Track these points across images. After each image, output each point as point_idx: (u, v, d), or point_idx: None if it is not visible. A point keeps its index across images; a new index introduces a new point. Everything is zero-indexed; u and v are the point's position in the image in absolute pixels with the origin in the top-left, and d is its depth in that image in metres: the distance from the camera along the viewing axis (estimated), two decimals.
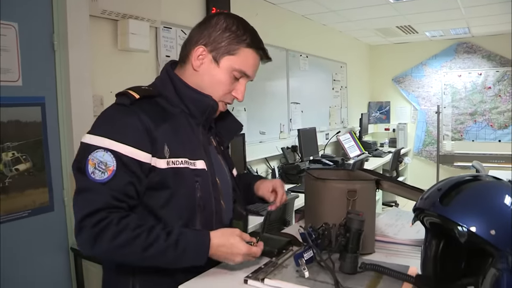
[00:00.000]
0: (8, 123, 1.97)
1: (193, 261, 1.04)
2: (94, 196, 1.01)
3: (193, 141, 1.17)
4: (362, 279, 0.94)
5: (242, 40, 1.15)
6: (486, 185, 0.83)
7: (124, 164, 1.03)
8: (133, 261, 1.05)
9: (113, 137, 1.04)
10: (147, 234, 1.01)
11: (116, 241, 0.99)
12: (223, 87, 1.18)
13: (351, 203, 1.12)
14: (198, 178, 1.13)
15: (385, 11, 4.44)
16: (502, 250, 0.72)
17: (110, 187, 1.02)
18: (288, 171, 3.91)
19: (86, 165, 1.03)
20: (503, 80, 5.92)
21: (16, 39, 1.99)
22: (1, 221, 1.94)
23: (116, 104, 1.11)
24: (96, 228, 0.99)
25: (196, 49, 1.15)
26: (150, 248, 1.00)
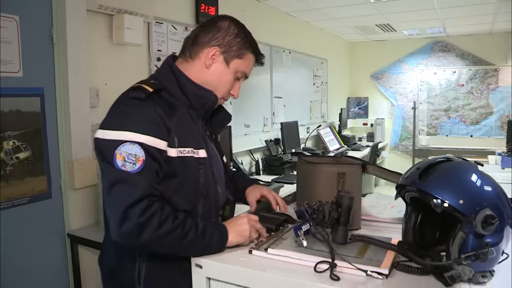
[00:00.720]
0: (9, 112, 2.04)
1: (215, 250, 1.14)
2: (132, 186, 1.07)
3: (195, 132, 1.27)
4: (352, 248, 1.09)
5: (250, 47, 1.29)
6: (456, 164, 0.98)
7: (150, 154, 1.11)
8: (170, 251, 1.12)
9: (136, 129, 1.11)
10: (183, 226, 1.09)
11: (160, 230, 1.06)
12: (228, 86, 1.31)
13: (341, 184, 1.28)
14: (201, 166, 1.24)
15: (365, 10, 4.61)
16: (468, 216, 0.88)
17: (144, 176, 1.09)
18: (271, 163, 4.05)
19: (114, 160, 1.08)
20: (475, 78, 6.21)
21: (17, 31, 2.05)
22: (1, 207, 2.02)
23: (130, 98, 1.17)
24: (143, 218, 1.04)
25: (210, 49, 1.26)
26: (185, 238, 1.09)
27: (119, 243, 1.09)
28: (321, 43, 5.86)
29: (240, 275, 1.05)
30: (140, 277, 1.21)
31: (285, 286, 0.99)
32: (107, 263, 1.31)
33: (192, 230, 1.10)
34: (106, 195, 1.11)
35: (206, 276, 1.09)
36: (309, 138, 5.33)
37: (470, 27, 5.70)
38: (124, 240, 1.07)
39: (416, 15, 4.89)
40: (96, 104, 2.44)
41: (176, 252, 1.13)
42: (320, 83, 5.90)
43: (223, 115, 1.43)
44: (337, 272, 0.98)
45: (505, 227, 0.92)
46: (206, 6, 3.31)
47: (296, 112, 5.14)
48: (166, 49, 2.97)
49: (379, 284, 0.94)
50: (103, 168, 1.14)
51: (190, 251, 1.13)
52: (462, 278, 0.88)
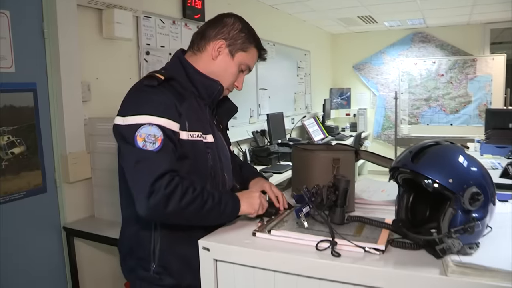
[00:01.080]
0: (3, 108, 2.06)
1: (229, 217, 1.27)
2: (155, 163, 1.16)
3: (203, 119, 1.36)
4: (349, 228, 1.17)
5: (253, 41, 1.39)
6: (445, 148, 1.07)
7: (167, 135, 1.20)
8: (191, 219, 1.22)
9: (153, 113, 1.20)
10: (201, 196, 1.19)
11: (183, 201, 1.15)
12: (232, 77, 1.40)
13: (336, 169, 1.35)
14: (209, 150, 1.34)
15: (347, 1, 4.70)
16: (456, 193, 0.96)
17: (164, 153, 1.18)
18: (258, 154, 4.12)
19: (135, 141, 1.17)
20: (454, 68, 6.37)
21: (9, 26, 2.06)
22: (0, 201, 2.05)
23: (144, 85, 1.27)
24: (168, 189, 1.13)
25: (217, 42, 1.36)
26: (205, 206, 1.19)
27: (147, 216, 1.16)
28: (304, 35, 5.94)
29: (245, 256, 1.11)
30: (155, 254, 1.31)
31: (289, 264, 1.05)
32: (125, 242, 1.40)
33: (209, 199, 1.20)
34: (130, 175, 1.20)
35: (213, 258, 1.15)
36: (294, 129, 5.42)
37: (449, 19, 5.85)
38: (152, 211, 1.15)
39: (397, 6, 5.00)
40: (88, 98, 2.47)
41: (196, 220, 1.23)
42: (304, 74, 5.98)
43: (229, 106, 1.53)
44: (337, 249, 1.05)
45: (489, 204, 1.00)
46: (193, 0, 3.34)
47: (281, 103, 5.21)
48: (154, 43, 3.00)
49: (376, 259, 1.02)
50: (125, 151, 1.22)
51: (208, 220, 1.23)
52: (452, 250, 0.96)
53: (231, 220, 1.30)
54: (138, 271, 1.34)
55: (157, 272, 1.31)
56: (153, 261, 1.31)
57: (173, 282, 1.32)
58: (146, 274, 1.32)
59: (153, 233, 1.31)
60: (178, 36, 3.23)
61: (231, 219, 1.29)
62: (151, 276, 1.32)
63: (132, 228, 1.35)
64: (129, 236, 1.38)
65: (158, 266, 1.31)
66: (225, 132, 1.58)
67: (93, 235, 2.27)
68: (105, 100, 2.56)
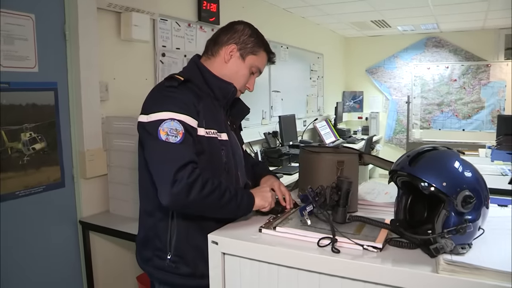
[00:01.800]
0: (26, 106, 2.16)
1: (244, 211, 1.35)
2: (178, 154, 1.26)
3: (218, 118, 1.46)
4: (350, 227, 1.23)
5: (262, 45, 1.50)
6: (441, 153, 1.13)
7: (187, 129, 1.30)
8: (209, 210, 1.31)
9: (174, 109, 1.31)
10: (219, 187, 1.28)
11: (203, 191, 1.24)
12: (244, 79, 1.50)
13: (340, 171, 1.42)
14: (223, 147, 1.44)
15: (360, 6, 4.74)
16: (450, 196, 1.02)
17: (186, 145, 1.28)
18: (270, 155, 4.20)
19: (159, 135, 1.27)
20: (467, 73, 6.37)
21: (33, 29, 2.17)
22: (20, 195, 2.15)
23: (166, 86, 1.38)
24: (190, 179, 1.22)
25: (228, 46, 1.46)
26: (222, 198, 1.28)
27: (169, 203, 1.24)
28: (318, 38, 5.99)
29: (252, 250, 1.19)
30: (171, 245, 1.40)
31: (292, 258, 1.13)
32: (143, 233, 1.49)
33: (227, 192, 1.30)
34: (154, 165, 1.30)
35: (221, 251, 1.23)
36: (305, 131, 5.47)
37: (463, 24, 5.85)
38: (175, 200, 1.23)
39: (410, 11, 5.03)
40: (105, 98, 2.57)
41: (214, 211, 1.31)
42: (317, 77, 6.03)
43: (242, 107, 1.63)
44: (337, 246, 1.12)
45: (482, 207, 1.06)
46: (208, 4, 3.43)
47: (293, 105, 5.27)
48: (170, 45, 3.09)
49: (374, 256, 1.08)
50: (150, 144, 1.32)
51: (225, 211, 1.32)
52: (445, 250, 1.02)
53: (247, 214, 1.38)
54: (154, 261, 1.44)
55: (173, 261, 1.41)
56: (169, 251, 1.40)
57: (189, 271, 1.41)
58: (162, 263, 1.42)
59: (170, 225, 1.40)
60: (193, 39, 3.32)
61: (247, 213, 1.38)
62: (167, 265, 1.41)
63: (150, 220, 1.45)
64: (146, 227, 1.47)
65: (174, 255, 1.41)
66: (238, 132, 1.68)
67: (107, 229, 2.36)
68: (122, 100, 2.66)
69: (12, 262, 2.12)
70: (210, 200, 1.26)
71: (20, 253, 2.17)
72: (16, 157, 2.13)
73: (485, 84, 6.28)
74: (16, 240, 2.14)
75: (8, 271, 2.09)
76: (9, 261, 2.10)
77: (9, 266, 2.10)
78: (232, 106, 1.59)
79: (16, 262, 2.14)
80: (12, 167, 2.11)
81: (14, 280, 2.13)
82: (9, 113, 2.08)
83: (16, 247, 2.14)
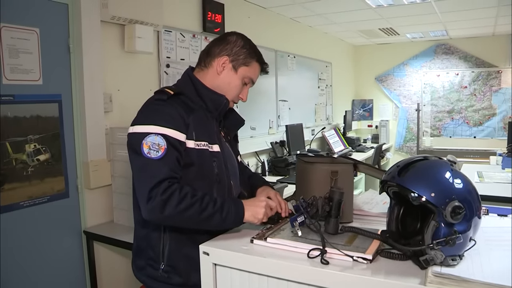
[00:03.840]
0: (30, 118, 2.21)
1: (233, 223, 1.34)
2: (155, 170, 1.27)
3: (210, 130, 1.47)
4: (342, 238, 1.22)
5: (255, 56, 1.50)
6: (431, 163, 1.12)
7: (171, 144, 1.31)
8: (190, 223, 1.32)
9: (160, 123, 1.32)
10: (201, 201, 1.28)
11: (180, 206, 1.25)
12: (236, 90, 1.51)
13: (334, 181, 1.42)
14: (215, 158, 1.44)
15: (368, 14, 4.73)
16: (439, 207, 1.01)
17: (166, 161, 1.29)
18: (276, 164, 4.20)
19: (142, 148, 1.29)
20: (478, 80, 6.30)
21: (38, 42, 2.22)
22: (25, 205, 2.18)
23: (155, 99, 1.40)
24: (164, 196, 1.24)
25: (221, 58, 1.47)
26: (204, 212, 1.28)
27: (147, 219, 1.28)
28: (325, 47, 5.99)
29: (242, 261, 1.18)
30: (164, 255, 1.42)
31: (282, 270, 1.12)
32: (136, 243, 1.52)
33: (210, 205, 1.29)
34: (135, 180, 1.34)
35: (213, 262, 1.23)
36: (314, 140, 5.45)
37: (473, 30, 5.79)
38: (151, 215, 1.27)
39: (418, 19, 5.00)
40: (109, 109, 2.60)
41: (196, 225, 1.32)
42: (325, 86, 6.02)
43: (235, 118, 1.64)
44: (327, 257, 1.11)
45: (473, 218, 1.04)
46: (213, 14, 3.46)
47: (301, 114, 5.27)
48: (175, 56, 3.12)
49: (363, 268, 1.07)
50: (132, 157, 1.35)
51: (209, 224, 1.31)
52: (435, 261, 1.00)
53: (236, 226, 1.37)
54: (147, 270, 1.46)
55: (165, 271, 1.42)
56: (162, 261, 1.42)
57: (181, 281, 1.42)
58: (155, 273, 1.43)
59: (162, 235, 1.42)
60: (198, 49, 3.35)
61: (236, 225, 1.37)
62: (160, 274, 1.43)
63: (143, 230, 1.47)
64: (140, 237, 1.49)
65: (166, 265, 1.42)
66: (234, 143, 1.69)
67: (112, 240, 2.38)
68: (126, 111, 2.69)
69: (17, 272, 2.15)
70: (188, 214, 1.27)
71: (24, 263, 2.19)
72: (21, 168, 2.17)
73: (496, 90, 6.20)
74: (21, 251, 2.17)
75: (12, 281, 2.12)
76: (14, 271, 2.13)
77: (14, 276, 2.13)
78: (226, 117, 1.60)
79: (20, 272, 2.16)
80: (16, 178, 2.15)
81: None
82: (14, 125, 2.13)
83: (21, 258, 2.17)
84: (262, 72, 1.58)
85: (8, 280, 2.09)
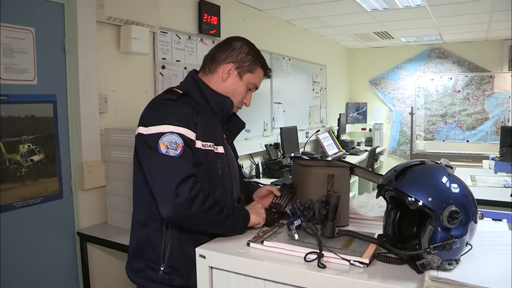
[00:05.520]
0: (24, 118, 2.19)
1: (240, 228, 1.36)
2: (178, 167, 1.28)
3: (215, 131, 1.48)
4: (338, 241, 1.23)
5: (259, 62, 1.51)
6: (428, 167, 1.12)
7: (186, 142, 1.32)
8: (209, 224, 1.32)
9: (173, 123, 1.33)
10: (219, 204, 1.31)
11: (204, 206, 1.27)
12: (241, 96, 1.53)
13: (330, 185, 1.42)
14: (219, 160, 1.45)
15: (362, 18, 4.75)
16: (436, 211, 1.01)
17: (185, 159, 1.30)
18: (271, 166, 4.19)
19: (159, 148, 1.29)
20: (471, 84, 6.35)
21: (33, 42, 2.20)
22: (17, 206, 2.16)
23: (164, 99, 1.41)
24: (192, 193, 1.25)
25: (226, 65, 1.48)
26: (221, 214, 1.30)
27: (171, 216, 1.26)
28: (320, 50, 6.00)
29: (239, 264, 1.18)
30: (165, 256, 1.40)
31: (278, 273, 1.12)
32: (134, 244, 1.49)
33: (225, 208, 1.32)
34: (154, 179, 1.31)
35: (209, 265, 1.22)
36: (308, 143, 5.46)
37: (466, 35, 5.84)
38: (177, 211, 1.25)
39: (412, 23, 5.03)
40: (104, 110, 2.59)
41: (213, 226, 1.33)
42: (319, 88, 6.03)
43: (237, 122, 1.66)
44: (324, 261, 1.11)
45: (469, 222, 1.05)
46: (209, 16, 3.45)
47: (296, 117, 5.27)
48: (170, 57, 3.11)
49: (360, 272, 1.07)
50: (149, 157, 1.33)
51: (223, 227, 1.34)
52: (431, 266, 1.01)
53: (242, 231, 1.38)
54: (146, 272, 1.44)
55: (166, 272, 1.41)
56: (162, 262, 1.40)
57: (182, 282, 1.41)
58: (155, 275, 1.42)
59: (164, 236, 1.41)
60: (194, 51, 3.34)
61: (243, 229, 1.38)
62: (160, 276, 1.41)
63: (143, 230, 1.45)
64: (140, 238, 1.47)
65: (167, 267, 1.41)
66: (233, 146, 1.69)
67: (105, 241, 2.36)
68: (121, 112, 2.68)
69: (10, 273, 2.12)
70: (210, 215, 1.29)
71: (17, 264, 2.17)
72: (14, 169, 2.15)
73: (489, 95, 6.25)
74: (13, 251, 2.15)
75: (5, 282, 2.10)
76: (7, 272, 2.11)
77: (7, 277, 2.11)
78: (229, 120, 1.61)
79: (13, 273, 2.14)
80: (10, 179, 2.13)
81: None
82: (8, 125, 2.11)
83: (13, 258, 2.15)
84: (265, 76, 1.59)
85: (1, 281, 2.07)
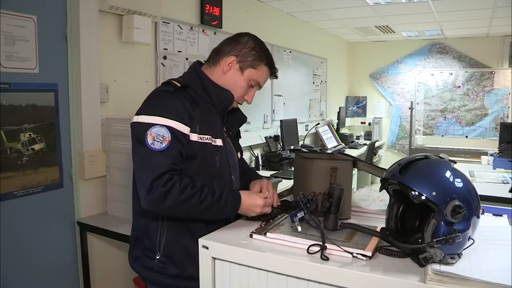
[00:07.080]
0: (26, 106, 2.18)
1: (229, 213, 1.38)
2: (158, 162, 1.29)
3: (214, 124, 1.48)
4: (341, 234, 1.23)
5: (263, 59, 1.50)
6: (432, 162, 1.13)
7: (175, 136, 1.33)
8: (190, 213, 1.35)
9: (166, 115, 1.34)
10: (200, 192, 1.31)
11: (180, 197, 1.28)
12: (241, 91, 1.52)
13: (333, 177, 1.42)
14: (217, 152, 1.45)
15: (364, 12, 4.73)
16: (439, 205, 1.02)
17: (168, 153, 1.30)
18: (270, 159, 4.20)
19: (146, 139, 1.30)
20: (471, 80, 6.35)
21: (35, 30, 2.19)
22: (18, 195, 2.16)
23: (162, 90, 1.42)
24: (165, 187, 1.27)
25: (228, 58, 1.48)
26: (204, 202, 1.31)
27: (147, 209, 1.33)
28: (321, 43, 5.99)
29: (242, 255, 1.19)
30: (160, 245, 1.43)
31: (281, 265, 1.12)
32: (134, 233, 1.53)
33: (209, 196, 1.32)
34: (136, 170, 1.34)
35: (212, 256, 1.23)
36: (307, 136, 5.47)
37: (468, 30, 5.83)
38: (151, 206, 1.31)
39: (414, 18, 5.02)
40: (105, 100, 2.58)
41: (195, 214, 1.35)
42: (320, 82, 6.03)
43: (239, 115, 1.66)
44: (326, 253, 1.12)
45: (472, 217, 1.06)
46: (211, 7, 3.44)
47: (296, 110, 5.27)
48: (172, 48, 3.10)
49: (363, 264, 1.08)
50: (135, 146, 1.36)
51: (208, 214, 1.36)
52: (434, 259, 1.02)
53: (232, 215, 1.40)
54: (143, 260, 1.47)
55: (161, 261, 1.43)
56: (158, 251, 1.43)
57: (176, 272, 1.43)
58: (151, 263, 1.45)
59: (160, 225, 1.43)
60: (195, 42, 3.33)
61: (232, 215, 1.40)
62: (156, 265, 1.44)
63: (142, 219, 1.48)
64: (138, 227, 1.50)
65: (162, 256, 1.43)
66: (236, 139, 1.70)
67: (105, 231, 2.37)
68: (122, 102, 2.67)
69: (9, 262, 2.13)
70: (188, 205, 1.31)
71: (17, 253, 2.18)
72: (15, 157, 2.14)
73: (489, 91, 6.26)
74: (14, 240, 2.15)
75: (5, 271, 2.10)
76: (6, 260, 2.11)
77: (6, 266, 2.11)
78: (229, 113, 1.61)
79: (13, 262, 2.15)
80: (10, 167, 2.12)
81: (11, 280, 2.14)
82: (9, 114, 2.10)
83: (13, 247, 2.15)
84: (272, 76, 1.58)
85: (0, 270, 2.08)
